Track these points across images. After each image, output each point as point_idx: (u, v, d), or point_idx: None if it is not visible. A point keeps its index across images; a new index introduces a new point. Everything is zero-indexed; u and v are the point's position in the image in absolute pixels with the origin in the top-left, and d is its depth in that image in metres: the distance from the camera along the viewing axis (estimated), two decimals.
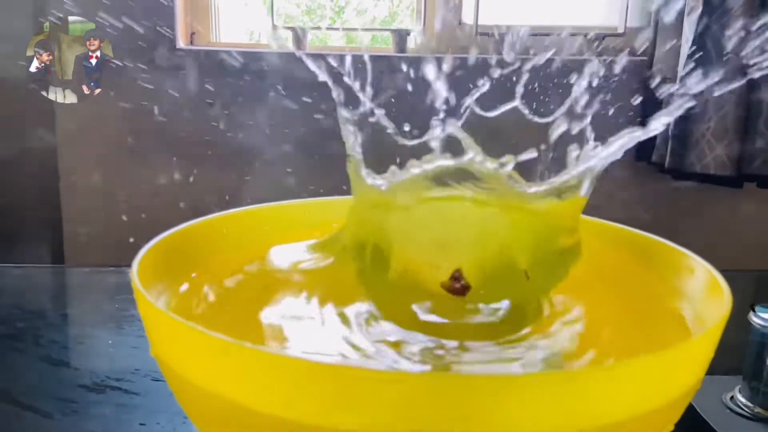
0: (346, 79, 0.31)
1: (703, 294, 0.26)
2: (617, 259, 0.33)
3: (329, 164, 1.35)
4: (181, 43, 1.34)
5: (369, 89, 0.32)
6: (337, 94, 0.31)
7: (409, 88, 1.31)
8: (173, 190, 1.36)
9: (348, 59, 0.31)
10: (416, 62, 1.31)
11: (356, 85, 0.32)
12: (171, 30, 1.31)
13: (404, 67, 1.31)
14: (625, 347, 0.25)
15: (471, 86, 0.38)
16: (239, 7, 1.48)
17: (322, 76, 0.33)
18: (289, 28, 1.38)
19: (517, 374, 0.20)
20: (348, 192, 0.42)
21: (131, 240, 0.36)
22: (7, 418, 0.37)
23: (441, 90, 0.31)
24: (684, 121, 1.21)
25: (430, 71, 0.31)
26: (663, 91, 1.39)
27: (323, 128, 1.34)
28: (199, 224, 0.33)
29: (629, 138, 0.29)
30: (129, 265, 0.27)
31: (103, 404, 0.38)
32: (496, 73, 0.37)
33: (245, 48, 1.35)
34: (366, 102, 0.31)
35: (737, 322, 0.49)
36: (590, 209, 0.44)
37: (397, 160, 0.31)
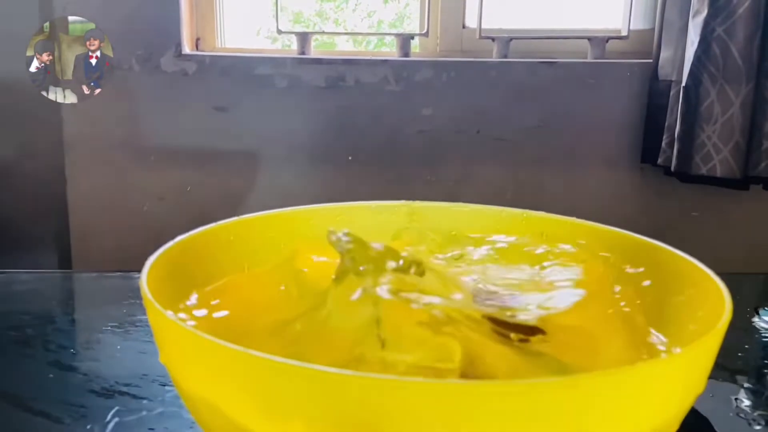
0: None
1: (704, 300, 0.27)
2: (616, 264, 0.33)
3: (335, 170, 1.36)
4: (187, 48, 1.35)
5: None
6: None
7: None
8: (180, 194, 1.36)
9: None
10: (419, 66, 1.31)
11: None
12: (177, 35, 1.32)
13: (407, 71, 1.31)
14: (624, 353, 0.25)
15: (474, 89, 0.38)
16: (244, 13, 1.49)
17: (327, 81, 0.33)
18: (293, 32, 1.39)
19: (516, 382, 0.20)
20: (352, 198, 0.42)
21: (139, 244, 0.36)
22: (18, 423, 0.37)
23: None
24: (690, 123, 1.21)
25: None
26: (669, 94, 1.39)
27: (329, 133, 1.35)
28: (207, 231, 0.34)
29: None
30: (137, 270, 0.28)
31: (111, 409, 0.38)
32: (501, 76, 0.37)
33: (250, 53, 1.36)
34: None
35: (742, 324, 0.49)
36: (595, 212, 0.44)
37: None
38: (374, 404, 0.19)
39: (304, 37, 1.36)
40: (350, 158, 1.34)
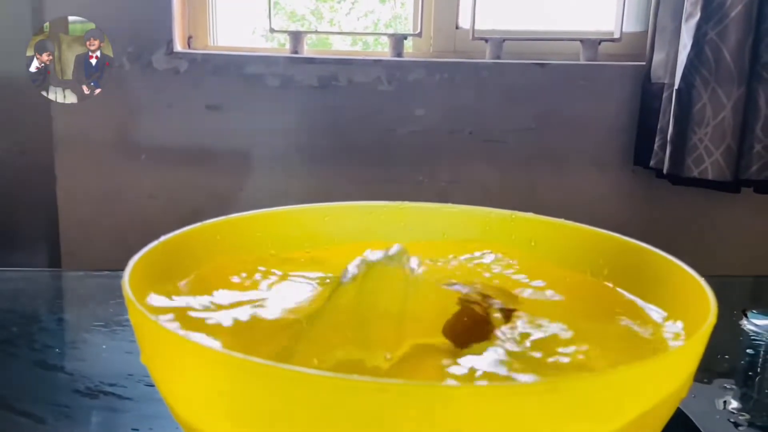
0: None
1: (690, 304, 0.27)
2: (603, 268, 0.33)
3: (327, 169, 1.36)
4: (179, 46, 1.35)
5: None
6: None
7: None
8: (171, 193, 1.36)
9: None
10: (412, 66, 1.31)
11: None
12: (168, 33, 1.31)
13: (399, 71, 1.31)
14: (609, 357, 0.25)
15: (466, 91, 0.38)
16: (237, 10, 1.48)
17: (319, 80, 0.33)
18: (286, 31, 1.38)
19: (500, 384, 0.20)
20: (343, 198, 0.42)
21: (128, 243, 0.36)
22: (1, 424, 0.37)
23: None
24: (682, 126, 1.21)
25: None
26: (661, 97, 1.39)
27: (321, 133, 1.34)
28: (192, 231, 0.33)
29: None
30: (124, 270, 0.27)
31: (96, 409, 0.38)
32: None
33: (242, 51, 1.36)
34: None
35: (730, 327, 0.49)
36: (587, 214, 0.44)
37: None
38: (357, 407, 0.18)
39: (296, 36, 1.36)
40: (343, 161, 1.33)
